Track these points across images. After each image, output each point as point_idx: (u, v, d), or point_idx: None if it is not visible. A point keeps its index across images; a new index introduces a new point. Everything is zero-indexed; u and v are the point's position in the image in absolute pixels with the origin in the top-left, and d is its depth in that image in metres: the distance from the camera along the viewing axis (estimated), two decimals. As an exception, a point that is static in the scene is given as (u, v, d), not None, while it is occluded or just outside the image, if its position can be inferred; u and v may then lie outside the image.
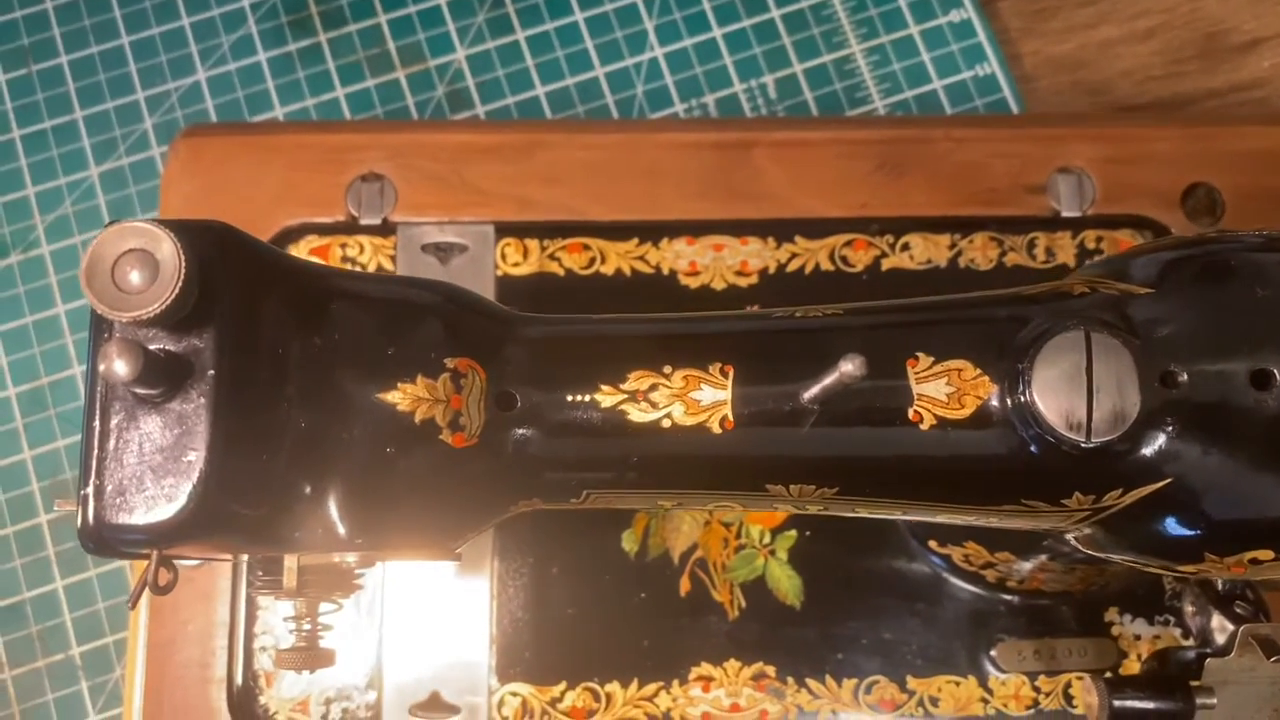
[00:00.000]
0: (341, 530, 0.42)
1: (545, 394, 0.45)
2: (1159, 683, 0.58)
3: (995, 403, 0.45)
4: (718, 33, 0.89)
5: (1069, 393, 0.43)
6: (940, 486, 0.46)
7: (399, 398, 0.43)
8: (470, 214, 0.74)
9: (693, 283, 0.74)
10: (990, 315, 0.46)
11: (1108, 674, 0.59)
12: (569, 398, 0.45)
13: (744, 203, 0.75)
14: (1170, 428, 0.44)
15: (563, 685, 0.69)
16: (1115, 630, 0.70)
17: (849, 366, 0.40)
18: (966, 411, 0.44)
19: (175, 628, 0.70)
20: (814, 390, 0.43)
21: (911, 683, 0.70)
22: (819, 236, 0.75)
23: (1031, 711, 0.69)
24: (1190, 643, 0.63)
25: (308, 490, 0.41)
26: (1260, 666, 0.58)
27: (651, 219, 0.74)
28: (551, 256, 0.74)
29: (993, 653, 0.69)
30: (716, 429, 0.45)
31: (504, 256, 0.74)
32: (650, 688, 0.69)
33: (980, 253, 0.74)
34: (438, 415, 0.43)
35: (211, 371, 0.40)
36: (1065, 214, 0.75)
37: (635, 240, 0.74)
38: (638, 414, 0.45)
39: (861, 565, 0.70)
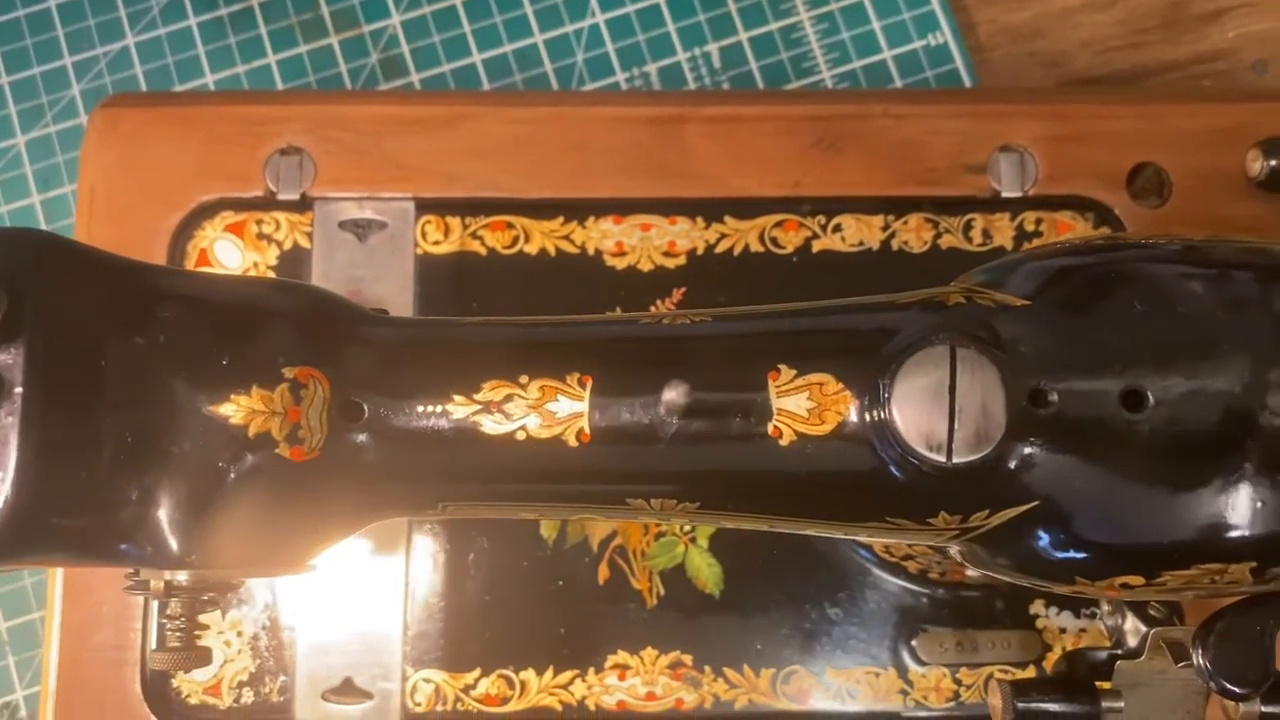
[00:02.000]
0: (173, 547, 0.41)
1: (394, 404, 0.44)
2: (1065, 684, 0.57)
3: (856, 419, 0.43)
4: (661, -2, 0.86)
5: (930, 411, 0.41)
6: (802, 503, 0.45)
7: (232, 410, 0.41)
8: (391, 189, 0.72)
9: (619, 263, 0.72)
10: (856, 326, 0.45)
11: (1016, 674, 0.58)
12: (420, 408, 0.44)
13: (674, 180, 0.73)
14: (1038, 449, 0.42)
15: (477, 672, 0.68)
16: (1040, 623, 0.69)
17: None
18: (827, 427, 0.42)
19: (90, 609, 0.69)
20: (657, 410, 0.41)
21: (830, 673, 0.69)
22: (749, 217, 0.72)
23: (952, 704, 0.68)
24: (1107, 642, 0.62)
25: (133, 503, 0.40)
26: (1171, 670, 0.57)
27: (578, 197, 0.72)
28: (474, 235, 0.72)
29: (914, 644, 0.68)
30: (573, 442, 0.43)
31: (424, 234, 0.72)
32: (565, 675, 0.69)
33: (914, 235, 0.72)
34: (274, 428, 0.42)
35: (19, 389, 0.38)
36: (1006, 194, 0.72)
37: (560, 219, 0.72)
38: (491, 426, 0.44)
39: (783, 554, 0.69)
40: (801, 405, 0.43)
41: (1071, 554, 0.43)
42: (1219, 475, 0.42)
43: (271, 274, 0.71)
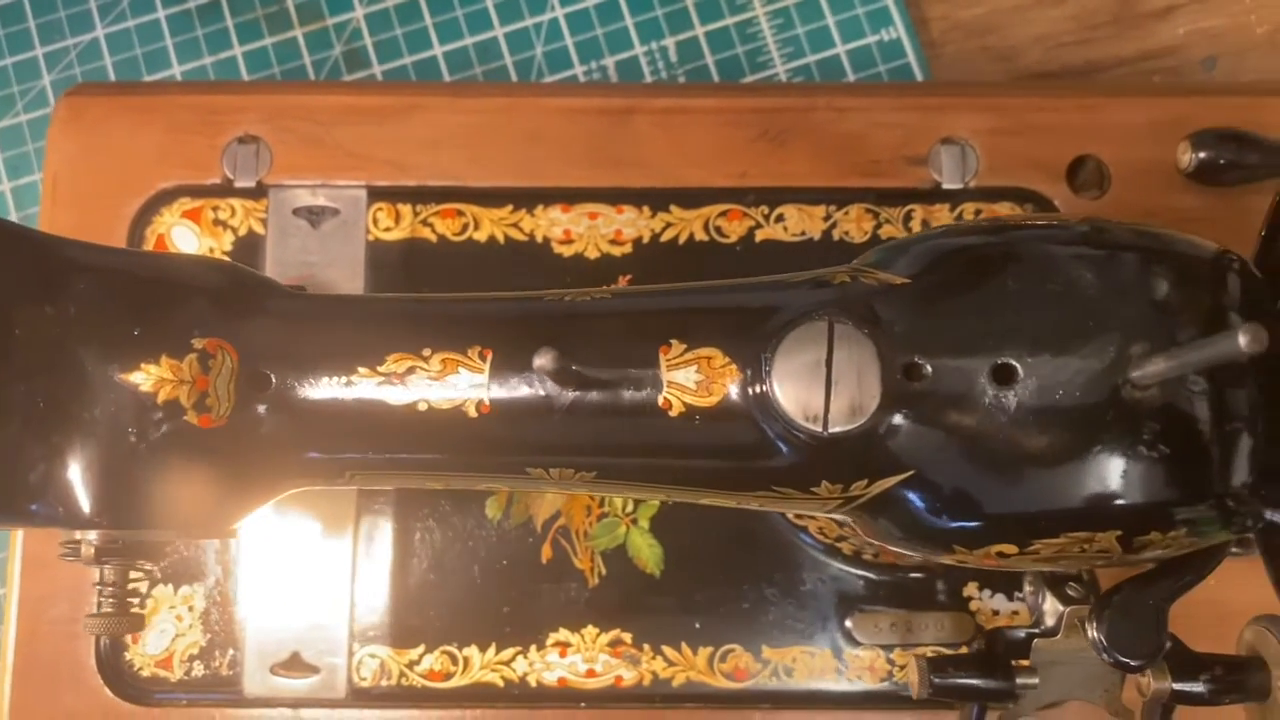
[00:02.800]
0: (83, 507, 0.42)
1: (300, 376, 0.46)
2: (981, 661, 0.58)
3: (741, 391, 0.44)
4: (619, -7, 0.88)
5: (808, 383, 0.42)
6: (692, 473, 0.46)
7: (141, 378, 0.43)
8: (344, 177, 0.74)
9: (566, 251, 0.73)
10: (745, 303, 0.46)
11: (931, 652, 0.59)
12: (325, 380, 0.45)
13: (623, 170, 0.75)
14: (911, 420, 0.43)
15: (421, 648, 0.70)
16: (974, 605, 0.70)
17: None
18: (714, 400, 0.44)
19: (47, 584, 0.71)
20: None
21: (766, 652, 0.70)
22: (695, 206, 0.74)
23: (885, 684, 0.70)
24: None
25: (42, 466, 0.41)
26: (1087, 648, 0.58)
27: (528, 185, 0.74)
28: (424, 222, 0.74)
29: (849, 625, 0.70)
30: (473, 413, 0.45)
31: (375, 221, 0.73)
32: (508, 652, 0.70)
33: (855, 225, 0.73)
34: (182, 396, 0.44)
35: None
36: (946, 186, 0.74)
37: (510, 207, 0.74)
38: (394, 397, 0.45)
39: (723, 535, 0.70)
40: (690, 378, 0.44)
41: (947, 523, 0.45)
42: (1084, 447, 0.43)
43: (227, 259, 0.73)
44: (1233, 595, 0.62)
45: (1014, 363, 0.43)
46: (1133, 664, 0.49)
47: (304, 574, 0.70)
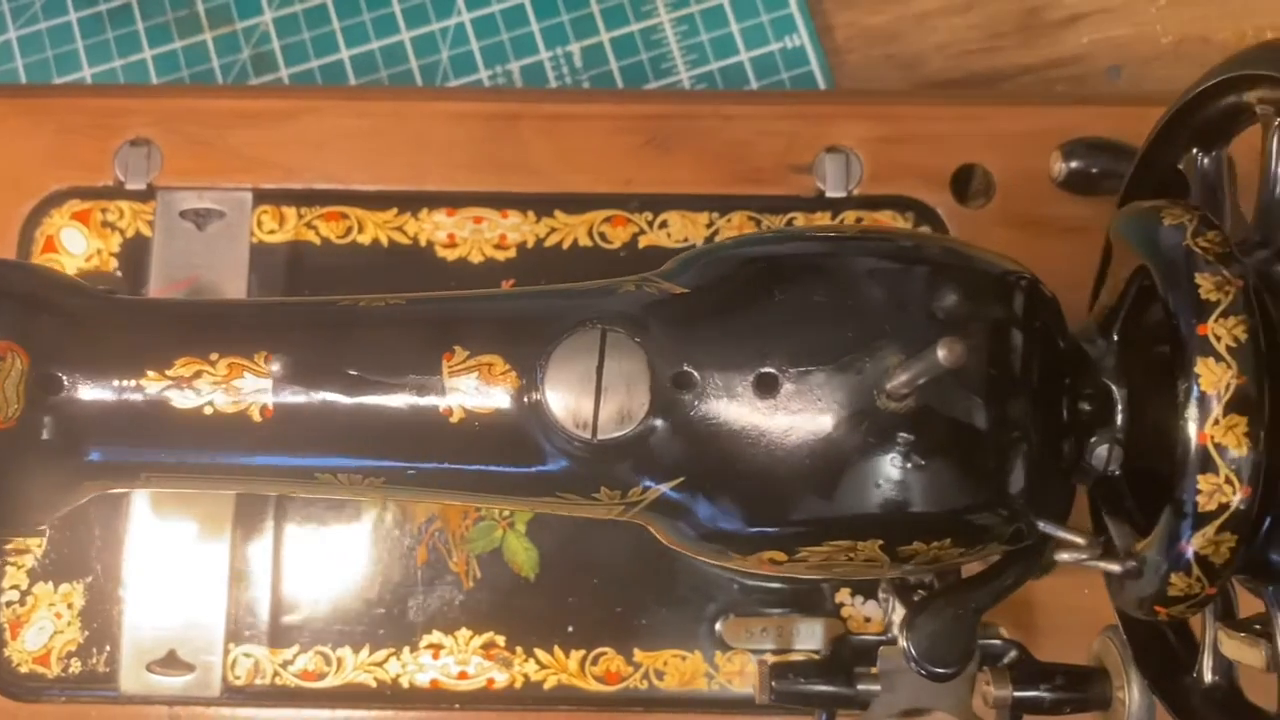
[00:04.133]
0: None
1: (90, 378, 0.46)
2: (824, 667, 0.59)
3: (518, 399, 0.45)
4: (526, -2, 0.88)
5: (579, 391, 0.43)
6: (476, 480, 0.47)
7: (-75, 381, 0.44)
8: (232, 180, 0.75)
9: (450, 255, 0.74)
10: (527, 310, 0.47)
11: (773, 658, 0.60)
12: (115, 383, 0.46)
13: (509, 175, 0.75)
14: (680, 429, 0.44)
15: (296, 648, 0.71)
16: (845, 612, 0.70)
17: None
18: (493, 407, 0.44)
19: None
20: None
21: (638, 655, 0.70)
22: (579, 212, 0.74)
23: (754, 688, 0.70)
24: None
25: None
26: (934, 656, 0.58)
27: (413, 189, 0.75)
28: (308, 225, 0.74)
29: (719, 629, 0.70)
30: (257, 417, 0.46)
31: (260, 224, 0.74)
32: (381, 654, 0.71)
33: (736, 232, 0.73)
34: (-31, 398, 0.44)
35: None
36: (830, 194, 0.74)
37: (394, 210, 0.74)
38: (181, 401, 0.46)
39: (599, 539, 0.71)
40: (471, 385, 0.45)
41: (719, 529, 0.45)
42: (842, 457, 0.43)
43: (114, 261, 0.74)
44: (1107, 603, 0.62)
45: (775, 373, 0.43)
46: (940, 672, 0.49)
47: (183, 573, 0.71)
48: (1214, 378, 0.40)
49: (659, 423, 0.44)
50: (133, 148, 0.75)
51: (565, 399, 0.44)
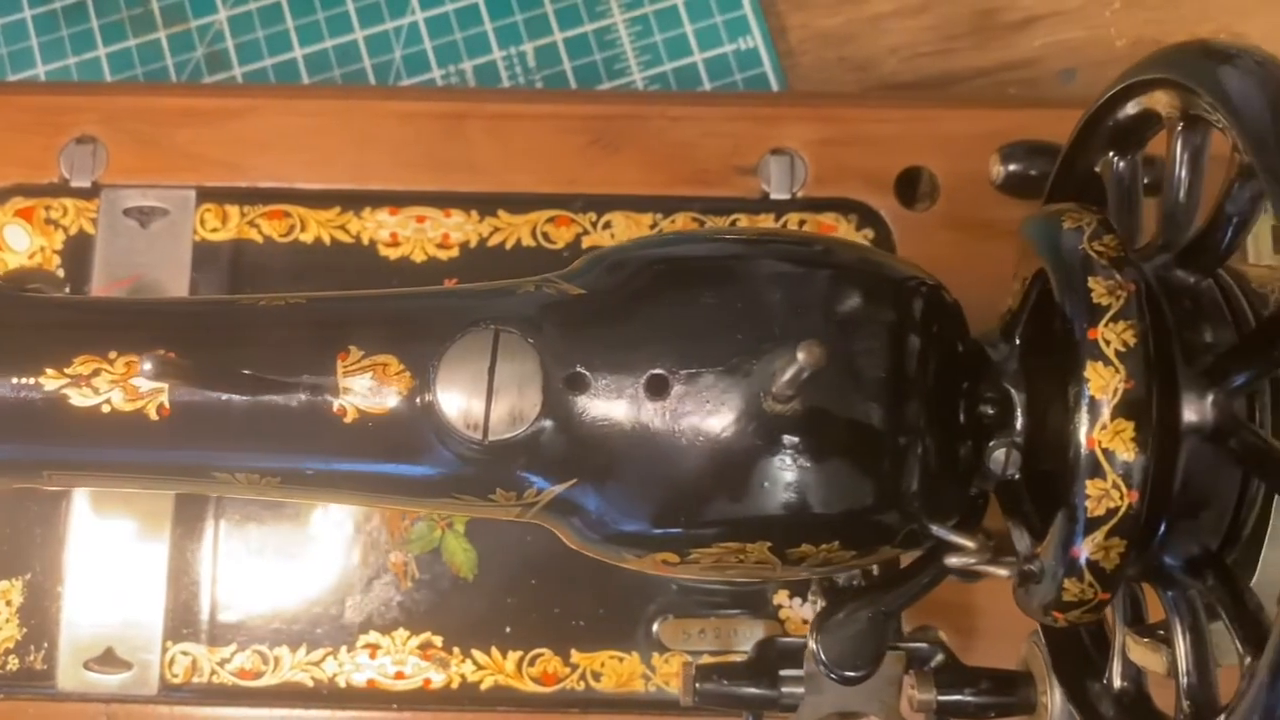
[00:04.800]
0: None
1: None
2: (749, 669, 0.58)
3: (412, 399, 0.45)
4: (480, -2, 0.88)
5: (470, 392, 0.43)
6: (372, 481, 0.46)
7: None
8: (178, 178, 0.75)
9: (392, 254, 0.74)
10: (425, 310, 0.46)
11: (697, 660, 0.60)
12: (13, 380, 0.46)
13: (454, 175, 0.75)
14: (572, 430, 0.44)
15: (233, 647, 0.71)
16: (783, 614, 0.70)
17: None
18: (387, 407, 0.44)
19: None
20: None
21: (575, 656, 0.70)
22: (523, 211, 0.74)
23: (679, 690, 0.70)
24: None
25: None
26: (860, 659, 0.58)
27: (357, 188, 0.75)
28: (251, 223, 0.74)
29: (656, 630, 0.70)
30: (154, 415, 0.46)
31: (203, 222, 0.74)
32: (318, 653, 0.71)
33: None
34: None
35: None
36: (775, 196, 0.74)
37: (338, 209, 0.74)
38: (79, 399, 0.46)
39: (538, 540, 0.70)
40: (365, 385, 0.45)
41: (612, 531, 0.45)
42: (728, 459, 0.43)
43: (57, 259, 0.74)
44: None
45: (666, 375, 0.43)
46: (849, 675, 0.49)
47: (122, 571, 0.71)
48: (1102, 382, 0.40)
49: (551, 424, 0.44)
50: (79, 145, 0.75)
51: (457, 400, 0.44)
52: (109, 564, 0.71)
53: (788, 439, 0.43)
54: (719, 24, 0.87)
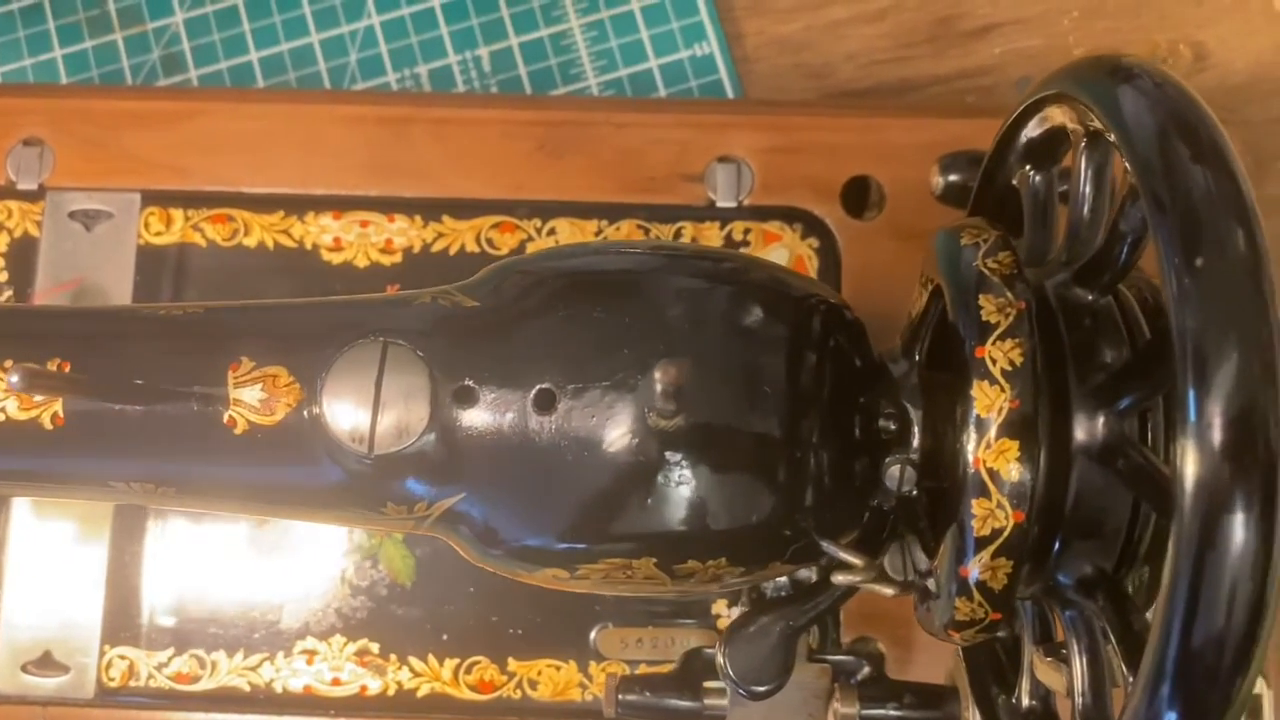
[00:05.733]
0: None
1: None
2: (673, 681, 0.58)
3: (300, 411, 0.45)
4: (436, 2, 0.88)
5: (356, 404, 0.43)
6: (265, 492, 0.46)
7: None
8: (123, 181, 0.75)
9: (335, 258, 0.74)
10: (315, 322, 0.46)
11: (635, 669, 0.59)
12: None
13: (399, 180, 0.75)
14: (460, 444, 0.43)
15: (170, 651, 0.71)
16: (721, 623, 0.70)
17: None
18: (276, 419, 0.44)
19: None
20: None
21: (513, 664, 0.70)
22: (468, 217, 0.74)
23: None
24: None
25: None
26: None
27: (301, 192, 0.74)
28: (195, 227, 0.74)
29: (594, 639, 0.70)
30: (48, 425, 0.45)
31: (147, 225, 0.74)
32: (255, 658, 0.70)
33: (625, 239, 0.73)
34: None
35: None
36: (721, 204, 0.74)
37: (281, 213, 0.74)
38: None
39: (477, 548, 0.71)
40: (255, 396, 0.44)
41: (502, 546, 0.45)
42: (612, 475, 0.43)
43: (1, 261, 0.74)
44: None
45: (554, 389, 0.43)
46: (757, 690, 0.48)
47: (60, 574, 0.71)
48: (988, 401, 0.40)
49: (438, 438, 0.44)
50: (26, 147, 0.75)
51: (343, 413, 0.43)
52: (48, 567, 0.71)
53: (671, 455, 0.42)
54: (675, 30, 0.87)
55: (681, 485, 0.42)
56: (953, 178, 0.69)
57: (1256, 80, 0.87)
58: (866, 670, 0.59)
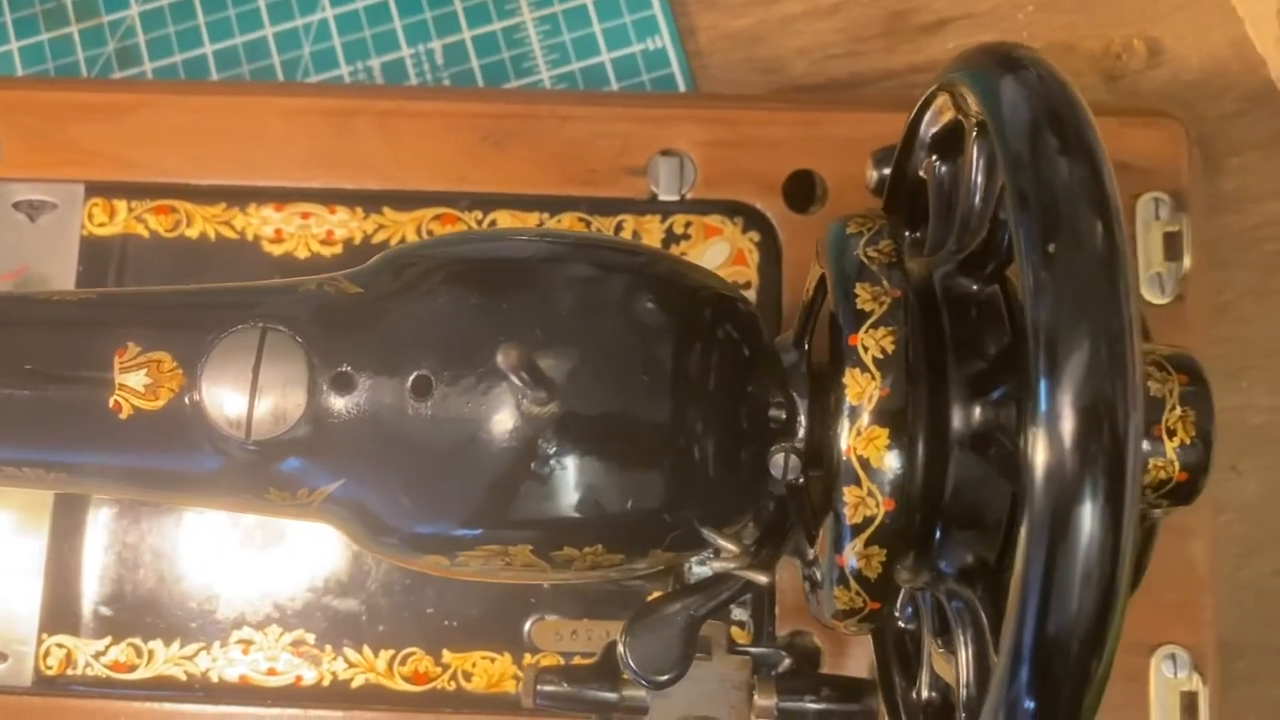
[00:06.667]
0: None
1: None
2: (592, 672, 0.58)
3: (181, 397, 0.45)
4: (390, -5, 0.88)
5: (234, 390, 0.43)
6: (151, 478, 0.46)
7: None
8: (68, 172, 0.75)
9: (276, 250, 0.74)
10: (199, 307, 0.46)
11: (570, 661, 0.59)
12: None
13: (342, 171, 0.75)
14: (338, 431, 0.43)
15: (108, 640, 0.71)
16: (656, 617, 0.70)
17: None
18: (159, 404, 0.44)
19: None
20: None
21: (447, 656, 0.70)
22: (409, 209, 0.74)
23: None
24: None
25: None
26: (705, 664, 0.58)
27: (243, 184, 0.75)
28: (138, 218, 0.74)
29: (528, 631, 0.70)
30: None
31: (91, 216, 0.74)
32: (192, 648, 0.71)
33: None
34: None
35: None
36: (663, 197, 0.74)
37: (223, 204, 0.74)
38: None
39: (414, 539, 0.71)
40: (140, 381, 0.45)
41: (384, 531, 0.45)
42: (485, 461, 0.43)
43: None
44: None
45: (430, 376, 0.43)
46: (657, 680, 0.48)
47: (0, 563, 0.72)
48: (859, 389, 0.39)
49: (315, 424, 0.44)
50: (-28, 139, 0.76)
51: (222, 398, 0.43)
52: (-13, 554, 0.72)
53: (543, 442, 0.42)
54: (628, 24, 0.87)
55: (555, 472, 0.42)
56: (886, 171, 0.68)
57: (1211, 76, 0.86)
58: (787, 663, 0.59)
